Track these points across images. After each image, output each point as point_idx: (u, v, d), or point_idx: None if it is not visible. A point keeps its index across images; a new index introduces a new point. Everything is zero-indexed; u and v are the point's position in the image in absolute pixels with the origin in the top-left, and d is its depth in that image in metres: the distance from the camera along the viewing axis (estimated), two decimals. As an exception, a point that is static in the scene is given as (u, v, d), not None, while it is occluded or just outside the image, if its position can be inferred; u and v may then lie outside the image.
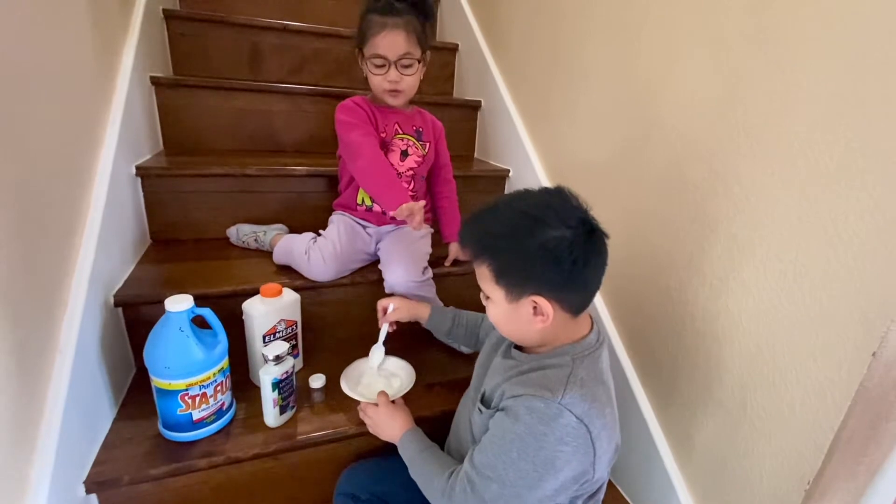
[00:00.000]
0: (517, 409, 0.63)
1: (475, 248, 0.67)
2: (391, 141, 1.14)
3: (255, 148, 1.46)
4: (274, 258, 1.15)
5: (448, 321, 1.03)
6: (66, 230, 0.80)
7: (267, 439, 0.85)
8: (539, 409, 0.61)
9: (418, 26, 1.04)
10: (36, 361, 0.67)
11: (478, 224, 0.68)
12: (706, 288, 0.83)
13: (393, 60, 1.04)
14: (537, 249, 0.61)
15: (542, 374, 0.65)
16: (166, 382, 0.78)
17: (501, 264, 0.65)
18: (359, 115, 1.10)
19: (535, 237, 0.61)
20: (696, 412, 0.87)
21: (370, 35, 1.03)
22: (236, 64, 1.56)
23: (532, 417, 0.61)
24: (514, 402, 0.64)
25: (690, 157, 0.85)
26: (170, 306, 0.78)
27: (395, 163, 1.15)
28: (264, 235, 1.20)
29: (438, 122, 1.25)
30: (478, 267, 0.68)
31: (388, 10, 1.01)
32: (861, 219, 0.60)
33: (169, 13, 1.45)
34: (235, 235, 1.23)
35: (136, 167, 1.12)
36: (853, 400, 0.62)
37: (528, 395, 0.62)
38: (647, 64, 0.95)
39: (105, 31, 1.03)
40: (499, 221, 0.66)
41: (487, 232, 0.66)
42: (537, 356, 0.70)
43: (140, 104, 1.20)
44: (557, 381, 0.63)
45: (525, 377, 0.67)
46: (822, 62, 0.64)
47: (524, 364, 0.70)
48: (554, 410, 0.60)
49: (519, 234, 0.62)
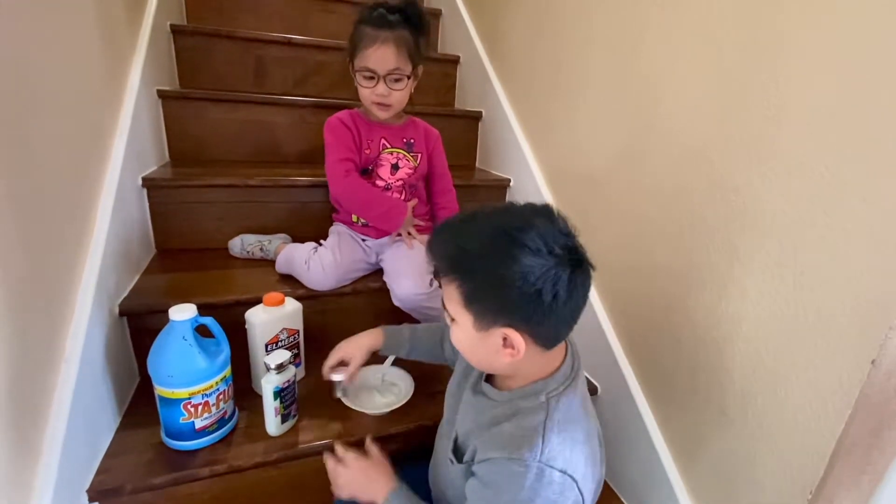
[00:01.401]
0: (496, 479, 0.58)
1: (445, 263, 0.59)
2: (379, 157, 1.15)
3: (260, 159, 1.48)
4: (276, 267, 1.15)
5: (405, 342, 0.93)
6: (73, 240, 0.81)
7: (268, 448, 0.86)
8: (519, 475, 0.55)
9: (410, 41, 1.03)
10: (41, 370, 0.68)
11: (452, 236, 0.60)
12: (706, 295, 0.83)
13: (382, 75, 1.03)
14: (515, 278, 0.53)
15: (516, 426, 0.60)
16: (169, 391, 0.79)
17: (473, 288, 0.57)
18: (339, 134, 1.11)
19: (515, 262, 0.53)
20: (697, 420, 0.86)
21: (361, 47, 1.02)
22: (241, 77, 1.58)
23: (514, 485, 0.56)
24: (490, 468, 0.59)
25: (689, 164, 0.86)
26: (173, 315, 0.79)
27: (385, 176, 1.16)
28: (269, 244, 1.21)
29: (433, 131, 1.25)
30: (446, 285, 0.60)
31: (381, 22, 1.00)
32: (858, 225, 0.61)
33: (176, 28, 1.48)
34: (240, 246, 1.23)
35: (142, 178, 1.14)
36: (854, 407, 0.62)
37: (503, 460, 0.57)
38: (647, 73, 0.96)
39: (113, 45, 1.06)
40: (475, 238, 0.57)
41: (461, 247, 0.58)
42: (508, 394, 0.64)
43: (147, 117, 1.22)
44: (532, 431, 0.58)
45: (498, 430, 0.60)
46: (817, 71, 0.65)
47: (496, 406, 0.64)
48: (534, 472, 0.55)
49: (497, 255, 0.54)
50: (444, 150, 1.27)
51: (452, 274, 0.58)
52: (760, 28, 0.73)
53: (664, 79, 0.92)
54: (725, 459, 0.81)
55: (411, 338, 0.94)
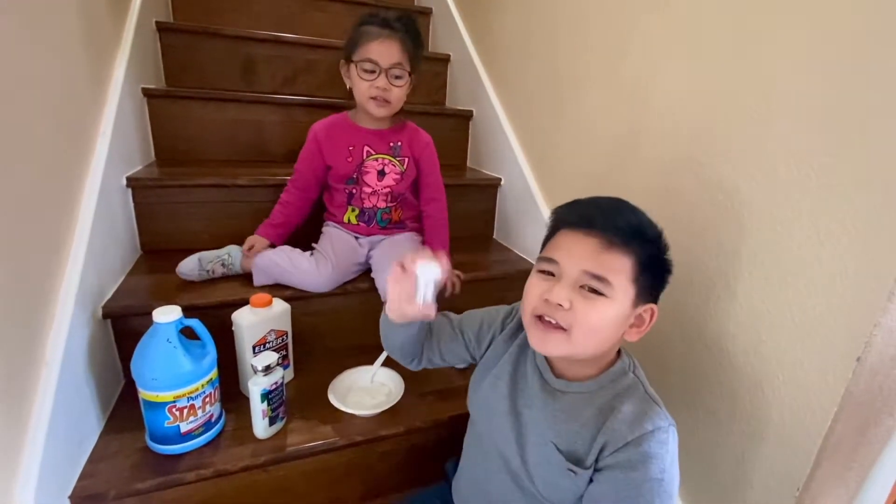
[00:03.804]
0: (643, 457, 0.57)
1: (625, 233, 0.58)
2: (364, 164, 1.14)
3: (247, 158, 1.47)
4: (255, 281, 1.07)
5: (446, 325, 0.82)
6: (55, 241, 0.79)
7: (256, 451, 0.85)
8: (663, 441, 0.58)
9: (410, 47, 1.06)
10: (21, 374, 0.67)
11: (629, 210, 0.62)
12: (695, 295, 0.83)
13: (385, 67, 1.04)
14: (667, 257, 0.62)
15: (633, 403, 0.61)
16: (153, 394, 0.78)
17: (648, 259, 0.59)
18: (309, 148, 1.15)
19: (666, 244, 0.62)
20: (686, 419, 0.87)
21: (364, 41, 1.03)
22: (229, 75, 1.56)
23: (661, 451, 0.58)
24: (635, 449, 0.58)
25: (678, 165, 0.86)
26: (157, 317, 0.78)
27: (372, 183, 1.15)
28: (229, 258, 1.10)
29: (424, 136, 1.20)
30: (617, 257, 0.58)
31: (385, 24, 1.04)
32: (843, 225, 0.61)
33: (162, 25, 1.46)
34: (197, 267, 1.05)
35: (126, 178, 1.12)
36: (839, 405, 0.63)
37: (646, 436, 0.58)
38: (636, 74, 0.96)
39: (97, 42, 1.04)
40: (637, 215, 0.62)
41: (642, 221, 0.61)
42: (594, 382, 0.64)
43: (132, 115, 1.20)
44: (647, 401, 0.62)
45: (621, 416, 0.60)
46: (804, 71, 0.65)
47: (591, 397, 0.64)
48: (672, 433, 0.59)
49: (659, 235, 0.62)
50: (437, 154, 1.23)
51: (632, 245, 0.58)
52: (746, 29, 0.73)
53: (654, 79, 0.92)
54: (714, 458, 0.82)
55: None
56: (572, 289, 0.59)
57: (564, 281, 0.59)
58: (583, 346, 0.60)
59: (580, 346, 0.60)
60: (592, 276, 0.58)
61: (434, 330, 0.80)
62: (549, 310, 0.59)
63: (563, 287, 0.59)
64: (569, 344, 0.59)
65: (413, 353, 0.79)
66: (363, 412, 0.94)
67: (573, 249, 0.60)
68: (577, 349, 0.60)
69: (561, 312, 0.58)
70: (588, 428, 0.62)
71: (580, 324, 0.58)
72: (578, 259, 0.59)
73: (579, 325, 0.58)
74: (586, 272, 0.58)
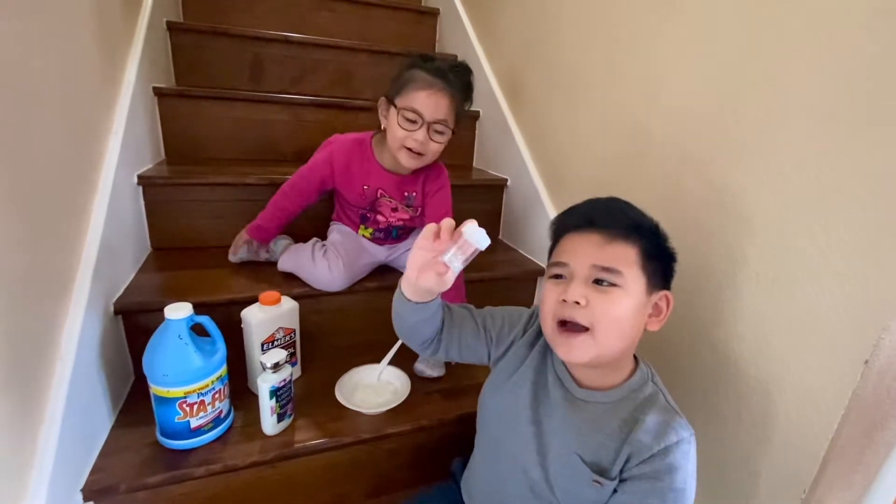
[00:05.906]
0: (669, 467, 0.59)
1: (626, 224, 0.62)
2: (377, 201, 1.13)
3: (256, 157, 1.48)
4: (280, 266, 1.14)
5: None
6: (68, 239, 0.80)
7: (264, 447, 0.86)
8: (687, 451, 0.60)
9: (460, 102, 1.01)
10: (37, 369, 0.68)
11: (626, 205, 0.66)
12: (701, 297, 0.83)
13: (428, 121, 0.97)
14: (669, 245, 0.65)
15: (656, 414, 0.62)
16: (164, 390, 0.79)
17: (651, 247, 0.62)
18: (321, 168, 1.10)
19: (664, 234, 0.64)
20: (693, 420, 0.86)
21: (412, 88, 0.96)
22: (238, 75, 1.58)
23: (685, 460, 0.60)
24: (661, 460, 0.59)
25: (685, 167, 0.86)
26: (169, 314, 0.79)
27: (386, 214, 1.15)
28: (275, 245, 1.19)
29: (440, 178, 1.15)
30: (624, 248, 0.60)
31: (439, 73, 0.97)
32: (850, 227, 0.61)
33: (172, 25, 1.47)
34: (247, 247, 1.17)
35: (137, 176, 1.13)
36: (846, 408, 0.63)
37: (672, 446, 0.59)
38: (644, 74, 0.97)
39: (109, 42, 1.05)
40: (632, 209, 0.65)
41: (632, 213, 0.65)
42: (618, 391, 0.65)
43: (142, 114, 1.22)
44: (669, 411, 0.63)
45: (645, 427, 0.61)
46: (814, 72, 0.65)
47: (615, 407, 0.64)
48: (693, 443, 0.61)
49: (656, 226, 0.64)
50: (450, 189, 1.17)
51: (633, 236, 0.61)
52: (755, 29, 0.73)
53: (661, 80, 0.92)
54: (721, 460, 0.82)
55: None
56: (586, 285, 0.60)
57: (577, 279, 0.61)
58: (607, 341, 0.60)
59: (605, 344, 0.60)
60: (602, 268, 0.59)
61: (455, 320, 0.74)
62: (567, 310, 0.60)
63: (577, 285, 0.60)
64: (594, 343, 0.60)
65: (427, 336, 0.72)
66: (369, 410, 0.94)
67: (578, 248, 0.62)
68: (603, 348, 0.60)
69: (580, 311, 0.59)
70: (613, 439, 0.62)
71: (600, 318, 0.59)
72: (585, 256, 0.61)
73: (599, 320, 0.59)
74: (595, 266, 0.60)
